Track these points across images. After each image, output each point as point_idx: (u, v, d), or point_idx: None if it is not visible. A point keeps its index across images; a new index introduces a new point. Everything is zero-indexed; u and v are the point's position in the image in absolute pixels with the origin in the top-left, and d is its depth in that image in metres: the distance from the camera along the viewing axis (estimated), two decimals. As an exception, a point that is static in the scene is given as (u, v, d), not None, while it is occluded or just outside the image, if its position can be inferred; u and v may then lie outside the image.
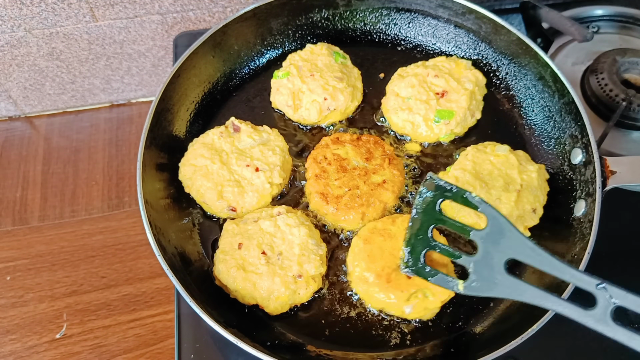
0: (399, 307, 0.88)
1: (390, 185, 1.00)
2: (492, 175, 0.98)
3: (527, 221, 0.96)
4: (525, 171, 0.99)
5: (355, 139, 1.05)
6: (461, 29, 1.17)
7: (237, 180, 0.99)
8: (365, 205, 0.97)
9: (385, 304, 0.89)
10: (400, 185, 1.01)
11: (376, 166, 1.02)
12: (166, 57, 1.44)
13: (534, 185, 0.97)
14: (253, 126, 1.07)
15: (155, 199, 0.96)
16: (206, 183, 0.98)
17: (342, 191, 0.99)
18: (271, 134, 1.06)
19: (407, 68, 1.14)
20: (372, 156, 1.03)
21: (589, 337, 0.95)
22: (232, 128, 1.04)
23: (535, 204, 0.97)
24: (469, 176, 0.97)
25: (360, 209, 0.97)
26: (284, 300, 0.89)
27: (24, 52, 1.32)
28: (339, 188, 0.99)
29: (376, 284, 0.88)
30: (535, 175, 0.98)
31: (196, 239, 1.00)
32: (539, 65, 1.06)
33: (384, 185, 1.00)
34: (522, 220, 0.95)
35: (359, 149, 1.03)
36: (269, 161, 1.01)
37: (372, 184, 1.00)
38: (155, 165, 0.99)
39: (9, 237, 1.28)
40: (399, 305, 0.88)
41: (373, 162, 1.02)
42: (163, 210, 0.97)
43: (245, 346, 0.79)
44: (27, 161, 1.40)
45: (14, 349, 1.12)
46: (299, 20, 1.19)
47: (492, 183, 0.97)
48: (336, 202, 0.98)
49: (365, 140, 1.05)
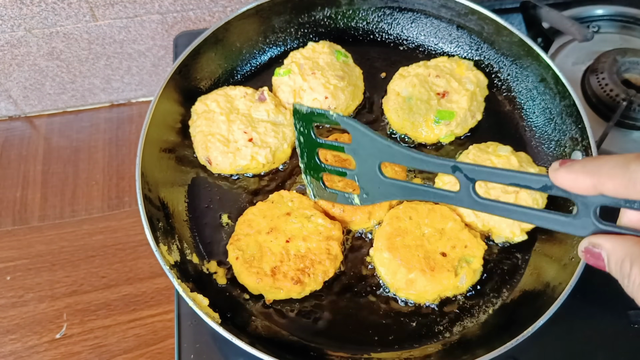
0: (454, 284, 0.89)
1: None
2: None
3: (523, 223, 0.96)
4: None
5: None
6: (463, 29, 1.17)
7: (227, 138, 1.02)
8: (372, 205, 0.97)
9: (441, 291, 0.90)
10: (403, 179, 1.01)
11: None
12: (166, 57, 1.44)
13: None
14: (278, 104, 1.08)
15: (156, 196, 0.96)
16: (204, 128, 1.03)
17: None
18: (287, 120, 1.07)
19: (408, 68, 1.14)
20: None
21: (589, 337, 0.96)
22: (258, 96, 1.07)
23: (534, 206, 0.97)
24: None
25: (366, 209, 0.97)
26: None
27: (24, 52, 1.32)
28: (342, 189, 0.99)
29: (425, 280, 0.89)
30: None
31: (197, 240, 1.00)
32: (541, 67, 1.06)
33: None
34: (519, 222, 0.95)
35: None
36: (266, 139, 1.03)
37: None
38: (155, 165, 0.99)
39: (9, 237, 1.27)
40: (454, 284, 0.89)
41: None
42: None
43: (246, 346, 0.78)
44: (27, 161, 1.40)
45: (14, 349, 1.12)
46: (302, 18, 1.19)
47: (491, 184, 0.97)
48: (343, 204, 0.97)
49: None
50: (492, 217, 0.95)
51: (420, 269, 0.89)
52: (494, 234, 0.97)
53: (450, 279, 0.89)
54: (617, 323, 0.97)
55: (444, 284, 0.89)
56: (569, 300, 0.82)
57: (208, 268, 0.96)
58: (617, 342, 0.96)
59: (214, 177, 1.06)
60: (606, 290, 1.01)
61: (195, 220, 1.01)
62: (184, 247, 0.96)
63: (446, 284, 0.89)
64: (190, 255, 0.96)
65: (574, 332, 0.95)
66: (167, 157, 1.03)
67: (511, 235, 0.96)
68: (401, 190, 0.80)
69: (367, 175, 0.82)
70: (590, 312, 0.98)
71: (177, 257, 0.92)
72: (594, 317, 0.98)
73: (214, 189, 1.04)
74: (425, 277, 0.89)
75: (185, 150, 1.07)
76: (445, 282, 0.89)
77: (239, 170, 1.03)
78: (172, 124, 1.07)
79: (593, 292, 1.00)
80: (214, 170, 1.05)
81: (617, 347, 0.95)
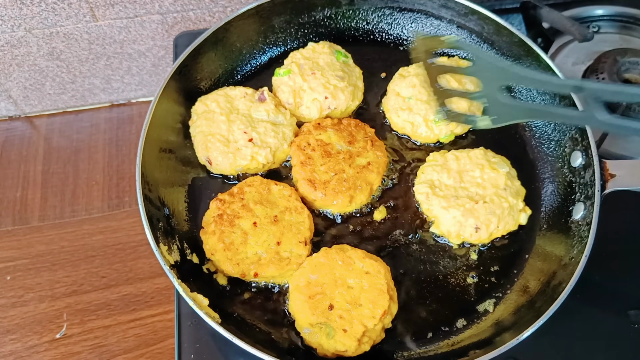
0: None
1: (375, 166, 1.02)
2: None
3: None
4: (495, 169, 1.00)
5: (336, 123, 1.06)
6: (464, 29, 1.17)
7: (227, 139, 1.02)
8: (353, 188, 0.99)
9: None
10: (384, 166, 1.03)
11: (360, 149, 1.03)
12: (166, 57, 1.44)
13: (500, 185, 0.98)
14: (278, 104, 1.08)
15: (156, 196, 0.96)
16: (204, 128, 1.03)
17: (328, 176, 1.00)
18: (287, 120, 1.07)
19: (408, 68, 1.14)
20: (354, 139, 1.04)
21: (589, 337, 0.96)
22: (258, 96, 1.07)
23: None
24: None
25: (348, 192, 0.98)
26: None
27: (24, 52, 1.32)
28: (325, 173, 1.00)
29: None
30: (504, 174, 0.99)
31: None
32: (541, 67, 1.06)
33: (368, 167, 1.02)
34: (461, 224, 0.96)
35: (341, 132, 1.05)
36: (266, 140, 1.03)
37: (357, 167, 1.01)
38: (155, 165, 0.99)
39: (9, 237, 1.27)
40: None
41: (356, 145, 1.04)
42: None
43: (246, 346, 0.79)
44: (27, 161, 1.40)
45: (14, 349, 1.12)
46: (302, 19, 1.19)
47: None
48: (324, 188, 0.99)
49: (347, 124, 1.07)
50: (440, 207, 0.96)
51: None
52: (434, 224, 0.99)
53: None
54: (617, 323, 0.97)
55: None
56: (569, 300, 0.82)
57: (208, 268, 0.96)
58: (617, 342, 0.96)
59: (214, 177, 1.06)
60: (606, 290, 1.02)
61: (195, 220, 1.01)
62: (184, 247, 0.96)
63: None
64: (190, 255, 0.96)
65: (574, 332, 0.96)
66: (167, 157, 1.03)
67: (447, 233, 0.97)
68: (527, 111, 0.88)
69: (492, 96, 0.90)
70: (590, 312, 0.98)
71: (177, 257, 0.92)
72: (594, 317, 0.98)
73: (214, 188, 1.04)
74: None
75: (186, 150, 1.07)
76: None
77: (239, 170, 1.03)
78: (172, 124, 1.07)
79: (593, 292, 1.00)
80: (214, 171, 1.05)
81: (617, 347, 0.96)
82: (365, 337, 0.85)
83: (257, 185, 0.99)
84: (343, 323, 0.85)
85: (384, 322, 0.88)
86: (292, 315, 0.90)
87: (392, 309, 0.89)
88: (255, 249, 0.92)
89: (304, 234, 0.94)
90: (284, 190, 0.99)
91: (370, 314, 0.85)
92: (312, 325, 0.85)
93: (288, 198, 0.98)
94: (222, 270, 0.93)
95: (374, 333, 0.86)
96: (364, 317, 0.85)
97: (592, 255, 0.85)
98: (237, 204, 0.96)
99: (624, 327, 0.96)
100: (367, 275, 0.89)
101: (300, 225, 0.95)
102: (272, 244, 0.92)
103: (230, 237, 0.92)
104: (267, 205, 0.96)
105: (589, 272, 0.84)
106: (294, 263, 0.91)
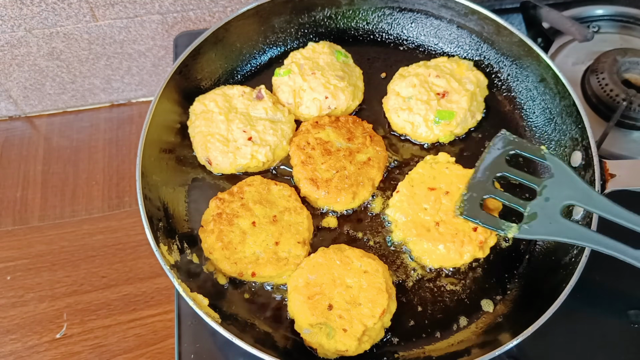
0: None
1: (375, 162, 1.02)
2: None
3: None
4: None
5: (334, 121, 1.06)
6: (463, 29, 1.17)
7: (227, 138, 1.02)
8: (355, 185, 0.99)
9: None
10: (384, 161, 1.04)
11: (359, 145, 1.03)
12: (166, 57, 1.44)
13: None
14: (275, 102, 1.08)
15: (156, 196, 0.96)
16: (203, 128, 1.03)
17: (330, 174, 1.00)
18: (285, 117, 1.07)
19: (408, 68, 1.14)
20: (353, 136, 1.04)
21: (589, 337, 0.96)
22: (255, 94, 1.07)
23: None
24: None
25: (350, 189, 0.99)
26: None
27: (24, 52, 1.32)
28: (326, 171, 1.00)
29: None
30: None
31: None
32: (541, 67, 1.06)
33: (369, 162, 1.02)
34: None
35: (339, 130, 1.05)
36: (265, 138, 1.03)
37: (358, 163, 1.01)
38: (156, 165, 0.99)
39: (9, 237, 1.27)
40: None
41: (355, 142, 1.04)
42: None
43: (246, 346, 0.79)
44: (27, 161, 1.40)
45: (14, 349, 1.12)
46: (302, 19, 1.19)
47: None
48: (326, 186, 0.99)
49: (344, 121, 1.07)
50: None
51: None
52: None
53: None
54: (617, 323, 0.97)
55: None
56: (569, 300, 0.82)
57: (208, 268, 0.96)
58: (617, 342, 0.96)
59: (214, 177, 1.06)
60: (606, 290, 1.02)
61: (195, 220, 1.01)
62: (184, 247, 0.96)
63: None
64: (190, 255, 0.96)
65: (574, 332, 0.96)
66: (167, 158, 1.03)
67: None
68: (577, 234, 0.80)
69: (545, 209, 0.83)
70: (590, 312, 0.98)
71: (177, 257, 0.92)
72: (594, 317, 0.98)
73: (214, 188, 1.04)
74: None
75: (186, 150, 1.07)
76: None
77: (239, 169, 1.03)
78: (173, 124, 1.07)
79: (593, 292, 1.00)
80: (214, 171, 1.05)
81: (617, 347, 0.96)
82: (365, 336, 0.85)
83: (257, 185, 0.99)
84: (343, 323, 0.85)
85: (384, 321, 0.88)
86: (291, 316, 0.90)
87: (391, 307, 0.89)
88: (253, 248, 0.92)
89: (302, 235, 0.94)
90: (283, 190, 0.99)
91: (370, 313, 0.85)
92: (311, 325, 0.85)
93: (288, 198, 0.98)
94: (220, 269, 0.93)
95: (373, 332, 0.86)
96: (363, 316, 0.85)
97: (592, 255, 0.85)
98: (237, 203, 0.96)
99: (624, 327, 0.96)
100: (365, 274, 0.89)
101: (299, 226, 0.95)
102: (270, 243, 0.92)
103: (228, 236, 0.92)
104: (267, 205, 0.96)
105: (589, 272, 0.84)
106: (291, 263, 0.91)
